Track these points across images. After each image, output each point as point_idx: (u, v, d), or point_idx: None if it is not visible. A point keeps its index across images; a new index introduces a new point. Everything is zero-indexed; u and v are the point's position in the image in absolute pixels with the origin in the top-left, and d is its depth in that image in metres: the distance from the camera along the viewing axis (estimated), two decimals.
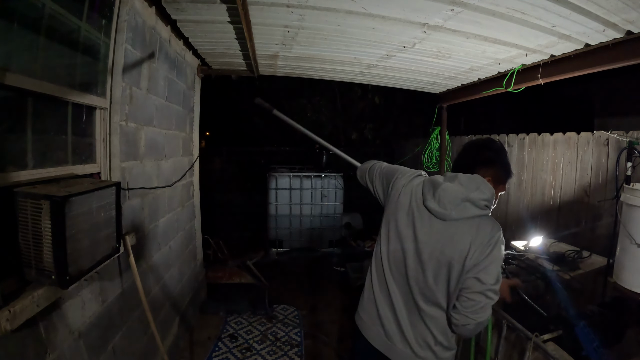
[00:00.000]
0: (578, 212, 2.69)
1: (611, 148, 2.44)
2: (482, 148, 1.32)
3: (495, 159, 1.29)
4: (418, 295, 1.24)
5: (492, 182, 1.26)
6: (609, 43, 1.94)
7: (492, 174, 1.27)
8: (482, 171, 1.26)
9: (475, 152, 1.32)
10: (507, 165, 1.32)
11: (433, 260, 1.21)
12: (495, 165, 1.29)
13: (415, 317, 1.26)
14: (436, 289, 1.21)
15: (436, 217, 1.21)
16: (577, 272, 2.06)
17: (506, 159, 1.32)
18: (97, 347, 1.55)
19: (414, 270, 1.25)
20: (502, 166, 1.30)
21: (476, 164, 1.28)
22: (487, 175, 1.26)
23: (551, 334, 1.62)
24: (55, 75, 1.29)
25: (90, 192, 1.22)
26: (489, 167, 1.27)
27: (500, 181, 1.30)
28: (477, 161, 1.29)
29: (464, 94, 3.58)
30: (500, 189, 1.32)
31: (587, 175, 2.62)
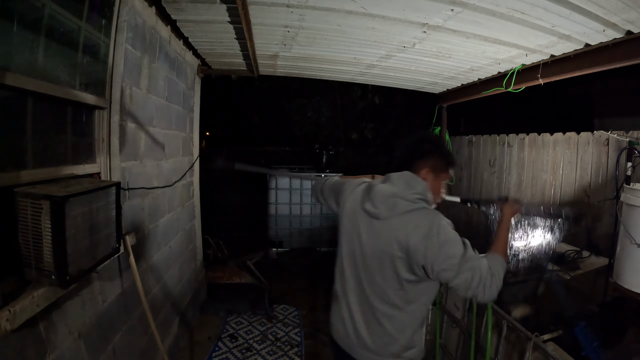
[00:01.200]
0: (578, 212, 2.69)
1: (611, 148, 2.44)
2: (417, 141, 1.35)
3: (431, 150, 1.31)
4: (372, 296, 1.26)
5: (431, 172, 1.29)
6: (609, 43, 1.94)
7: (430, 164, 1.29)
8: (419, 164, 1.29)
9: (411, 147, 1.35)
10: (445, 154, 1.34)
11: (377, 259, 1.24)
12: (432, 155, 1.30)
13: (370, 317, 1.27)
14: (386, 286, 1.23)
15: (372, 218, 1.25)
16: (577, 272, 2.06)
17: (443, 148, 1.35)
18: (97, 347, 1.55)
19: (364, 271, 1.28)
20: (440, 155, 1.31)
21: (413, 158, 1.30)
22: (425, 167, 1.28)
23: (551, 334, 1.62)
24: (55, 75, 1.29)
25: (90, 192, 1.22)
26: (426, 159, 1.29)
27: (440, 170, 1.31)
28: (414, 155, 1.31)
29: (464, 94, 3.57)
30: (443, 177, 1.33)
31: (587, 175, 2.62)
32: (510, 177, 3.41)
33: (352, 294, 1.32)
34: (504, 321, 1.70)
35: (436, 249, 1.13)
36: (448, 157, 1.35)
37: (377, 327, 1.26)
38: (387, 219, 1.22)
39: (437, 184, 1.32)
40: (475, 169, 3.97)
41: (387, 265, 1.21)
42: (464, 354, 2.02)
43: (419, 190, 1.24)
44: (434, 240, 1.14)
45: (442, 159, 1.32)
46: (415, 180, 1.26)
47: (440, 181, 1.33)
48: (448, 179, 1.37)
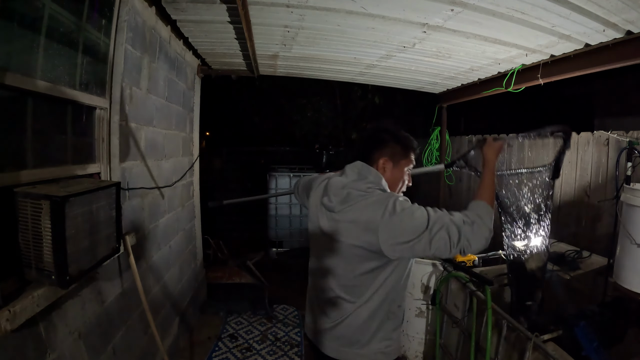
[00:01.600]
0: (578, 212, 2.69)
1: (611, 148, 2.44)
2: (373, 132, 1.34)
3: (386, 138, 1.29)
4: (336, 288, 1.25)
5: (389, 161, 1.28)
6: (609, 43, 1.94)
7: (388, 153, 1.28)
8: (377, 154, 1.28)
9: (368, 138, 1.34)
10: (403, 139, 1.31)
11: (336, 252, 1.23)
12: (389, 143, 1.29)
13: (334, 309, 1.26)
14: (347, 278, 1.22)
15: (329, 211, 1.25)
16: (577, 272, 2.06)
17: (400, 134, 1.32)
18: (97, 347, 1.55)
19: (327, 264, 1.27)
20: (397, 141, 1.30)
21: (371, 149, 1.29)
22: (383, 156, 1.27)
23: (551, 334, 1.61)
24: (55, 75, 1.29)
25: (90, 192, 1.22)
26: (383, 148, 1.28)
27: (399, 157, 1.30)
28: (371, 146, 1.30)
29: (464, 94, 3.58)
30: (403, 164, 1.31)
31: (587, 175, 2.62)
32: None
33: (318, 287, 1.32)
34: (504, 321, 1.70)
35: (397, 224, 1.10)
36: (405, 142, 1.32)
37: (341, 319, 1.25)
38: (342, 211, 1.20)
39: (398, 171, 1.31)
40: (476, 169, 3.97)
41: (347, 256, 1.20)
42: (464, 354, 2.02)
43: (370, 180, 1.23)
44: (394, 218, 1.10)
45: (399, 146, 1.30)
46: (367, 169, 1.25)
47: (401, 169, 1.31)
48: (410, 165, 1.34)
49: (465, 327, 2.02)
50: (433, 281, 2.49)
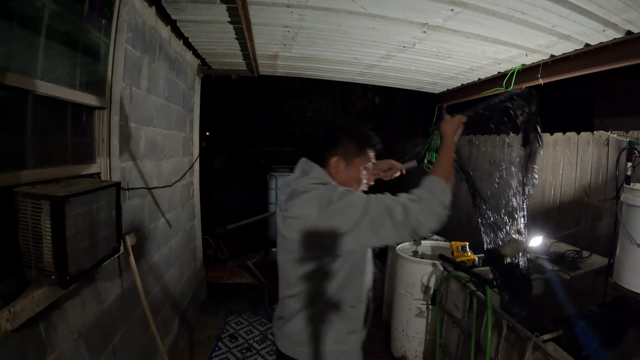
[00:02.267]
0: (578, 212, 2.69)
1: (611, 148, 2.44)
2: (327, 130, 1.29)
3: (340, 135, 1.23)
4: (287, 288, 1.22)
5: (342, 160, 1.21)
6: (609, 43, 1.94)
7: (340, 151, 1.21)
8: (329, 153, 1.21)
9: (322, 138, 1.27)
10: (358, 135, 1.24)
11: (285, 249, 1.20)
12: (342, 141, 1.22)
13: (286, 308, 1.23)
14: (293, 275, 1.18)
15: (280, 210, 1.22)
16: (577, 272, 2.06)
17: (354, 130, 1.25)
18: (97, 347, 1.55)
19: (280, 260, 1.26)
20: (351, 138, 1.23)
21: (324, 149, 1.23)
22: (333, 156, 1.20)
23: (551, 334, 1.61)
24: (55, 75, 1.29)
25: (90, 192, 1.22)
26: (335, 146, 1.22)
27: (353, 155, 1.22)
28: (324, 146, 1.23)
29: (464, 94, 3.57)
30: (359, 162, 1.23)
31: (587, 175, 2.62)
32: None
33: (279, 286, 1.30)
34: (504, 321, 1.69)
35: (334, 215, 1.05)
36: (360, 138, 1.24)
37: (289, 317, 1.21)
38: (287, 209, 1.16)
39: (352, 170, 1.23)
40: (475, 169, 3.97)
41: (292, 253, 1.16)
42: (464, 354, 2.01)
43: (313, 176, 1.18)
44: (330, 209, 1.05)
45: (353, 143, 1.22)
46: (309, 165, 1.21)
47: (356, 167, 1.23)
48: (367, 162, 1.26)
49: (465, 327, 2.02)
50: (433, 281, 2.49)
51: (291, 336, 1.21)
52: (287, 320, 1.22)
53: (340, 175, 1.22)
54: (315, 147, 1.26)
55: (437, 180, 1.09)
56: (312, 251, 1.12)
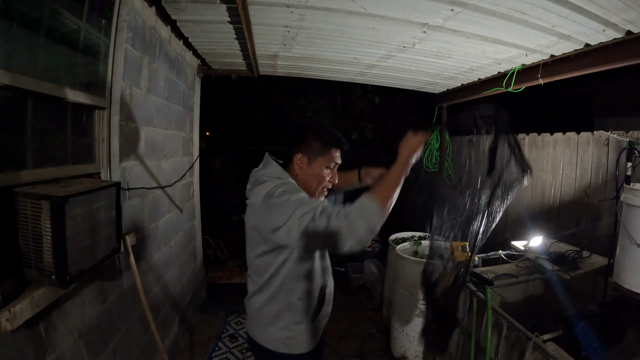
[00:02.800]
0: (578, 212, 2.69)
1: (611, 148, 2.44)
2: (295, 129, 1.32)
3: (307, 135, 1.26)
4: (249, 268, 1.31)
5: (304, 157, 1.25)
6: (609, 43, 1.94)
7: (305, 149, 1.25)
8: (294, 150, 1.26)
9: (290, 136, 1.31)
10: (323, 135, 1.26)
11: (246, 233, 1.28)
12: (308, 139, 1.25)
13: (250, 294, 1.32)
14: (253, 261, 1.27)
15: (246, 198, 1.28)
16: (577, 272, 2.06)
17: (320, 130, 1.27)
18: (97, 347, 1.55)
19: (246, 245, 1.31)
20: (316, 137, 1.25)
21: (291, 146, 1.28)
22: (297, 153, 1.25)
23: (551, 334, 1.62)
24: (55, 75, 1.29)
25: (90, 192, 1.23)
26: (301, 144, 1.26)
27: (316, 153, 1.25)
28: (291, 143, 1.28)
29: (464, 94, 3.57)
30: (321, 161, 1.25)
31: (587, 175, 2.62)
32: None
33: None
34: (504, 321, 1.70)
35: (271, 208, 1.10)
36: (325, 137, 1.25)
37: (249, 298, 1.31)
38: (248, 197, 1.24)
39: (313, 168, 1.25)
40: (476, 169, 3.97)
41: (249, 237, 1.26)
42: (464, 354, 2.02)
43: (269, 170, 1.24)
44: (269, 202, 1.11)
45: (318, 142, 1.24)
46: (268, 161, 1.28)
47: (318, 165, 1.25)
48: (330, 162, 1.27)
49: (465, 327, 2.02)
50: None
51: (250, 315, 1.33)
52: (248, 299, 1.32)
53: (302, 171, 1.26)
54: (287, 142, 1.31)
55: (371, 201, 1.03)
56: (259, 238, 1.20)
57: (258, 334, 1.30)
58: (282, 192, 1.12)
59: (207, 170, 5.04)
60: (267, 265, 1.22)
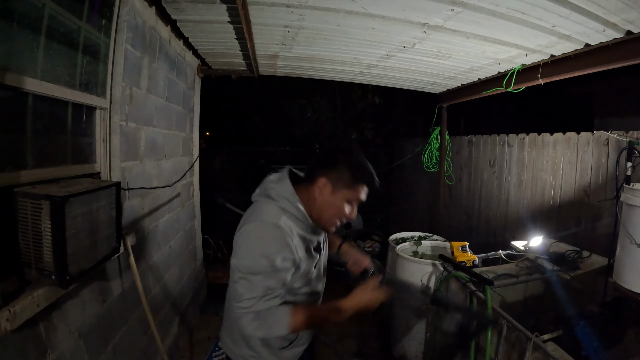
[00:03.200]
0: (578, 212, 2.69)
1: (611, 148, 2.44)
2: (330, 149, 1.23)
3: (339, 160, 1.16)
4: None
5: (329, 184, 1.14)
6: (609, 43, 1.94)
7: (332, 175, 1.15)
8: (321, 172, 1.16)
9: (322, 154, 1.24)
10: (357, 168, 1.16)
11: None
12: (339, 166, 1.15)
13: (228, 300, 1.30)
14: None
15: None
16: (577, 272, 2.06)
17: (354, 161, 1.16)
18: (97, 347, 1.55)
19: None
20: (349, 168, 1.15)
21: (319, 166, 1.18)
22: (323, 176, 1.15)
23: (551, 334, 1.61)
24: (55, 75, 1.29)
25: (90, 192, 1.22)
26: (330, 169, 1.15)
27: (343, 184, 1.15)
28: (320, 163, 1.19)
29: (464, 94, 3.58)
30: (345, 194, 1.15)
31: (587, 175, 2.62)
32: (510, 177, 3.41)
33: None
34: (504, 321, 1.70)
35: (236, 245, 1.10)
36: (357, 172, 1.15)
37: (229, 307, 1.28)
38: (250, 208, 1.22)
39: (335, 199, 1.15)
40: (475, 169, 3.97)
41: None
42: (464, 354, 2.02)
43: (280, 188, 1.16)
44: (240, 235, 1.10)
45: (349, 173, 1.14)
46: (283, 177, 1.21)
47: (340, 197, 1.15)
48: (355, 198, 1.17)
49: None
50: (433, 281, 2.49)
51: (225, 324, 1.33)
52: (228, 302, 1.29)
53: (322, 198, 1.16)
54: (313, 162, 1.22)
55: (285, 319, 1.08)
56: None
57: (228, 344, 1.29)
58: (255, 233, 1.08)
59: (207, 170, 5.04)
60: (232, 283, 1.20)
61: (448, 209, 4.46)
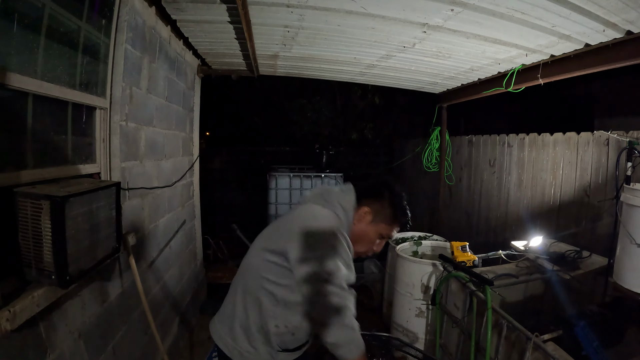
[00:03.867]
0: (578, 212, 2.69)
1: (611, 148, 2.44)
2: (381, 182, 1.31)
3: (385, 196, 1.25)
4: None
5: (370, 214, 1.24)
6: (609, 43, 1.94)
7: (376, 207, 1.24)
8: (367, 201, 1.25)
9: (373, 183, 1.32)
10: (399, 208, 1.25)
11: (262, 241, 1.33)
12: (384, 201, 1.25)
13: None
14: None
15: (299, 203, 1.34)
16: (577, 272, 2.06)
17: (399, 201, 1.26)
18: (97, 347, 1.55)
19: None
20: (392, 205, 1.25)
21: (367, 193, 1.27)
22: (368, 206, 1.24)
23: (551, 334, 1.62)
24: (55, 75, 1.29)
25: (90, 192, 1.22)
26: (375, 200, 1.25)
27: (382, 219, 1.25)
28: (369, 191, 1.27)
29: (464, 94, 3.58)
30: (381, 228, 1.25)
31: (587, 175, 2.62)
32: (510, 177, 3.41)
33: None
34: (504, 321, 1.70)
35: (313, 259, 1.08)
36: (399, 212, 1.25)
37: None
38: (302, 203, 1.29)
39: (371, 229, 1.25)
40: (475, 169, 3.97)
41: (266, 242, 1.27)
42: (464, 354, 2.02)
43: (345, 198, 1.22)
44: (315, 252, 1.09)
45: (391, 210, 1.25)
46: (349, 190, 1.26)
47: (376, 230, 1.25)
48: (387, 234, 1.28)
49: (465, 327, 2.02)
50: (433, 281, 2.49)
51: (222, 319, 1.34)
52: (231, 302, 1.34)
53: (360, 225, 1.24)
54: (363, 185, 1.29)
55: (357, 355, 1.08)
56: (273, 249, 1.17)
57: (223, 339, 1.25)
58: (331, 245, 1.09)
59: (207, 170, 5.04)
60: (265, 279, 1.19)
61: (448, 209, 4.46)
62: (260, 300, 1.18)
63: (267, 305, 1.17)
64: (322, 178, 5.37)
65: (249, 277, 1.24)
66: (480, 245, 3.43)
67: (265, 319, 1.18)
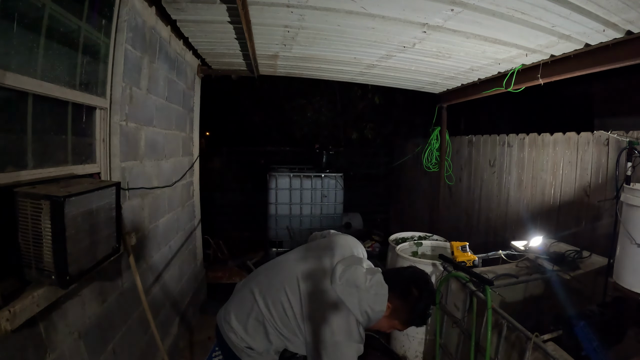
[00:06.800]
0: (578, 212, 2.69)
1: (611, 148, 2.44)
2: (410, 279, 1.33)
3: (410, 300, 1.28)
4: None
5: (390, 309, 1.28)
6: (609, 43, 1.94)
7: (398, 306, 1.28)
8: (394, 296, 1.28)
9: (406, 277, 1.34)
10: (417, 313, 1.30)
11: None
12: (406, 304, 1.28)
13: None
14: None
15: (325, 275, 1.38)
16: (577, 272, 2.06)
17: (421, 308, 1.29)
18: (97, 347, 1.55)
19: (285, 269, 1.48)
20: (412, 309, 1.29)
21: (397, 288, 1.29)
22: (394, 304, 1.27)
23: (551, 334, 1.62)
24: (55, 75, 1.29)
25: (90, 192, 1.22)
26: (400, 299, 1.28)
27: (398, 316, 1.30)
28: (399, 287, 1.30)
29: (464, 94, 3.58)
30: (396, 325, 1.33)
31: (587, 175, 2.62)
32: (510, 177, 3.41)
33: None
34: (504, 321, 1.70)
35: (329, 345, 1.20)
36: (416, 315, 1.30)
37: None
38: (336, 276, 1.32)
39: (386, 322, 1.32)
40: (475, 169, 3.97)
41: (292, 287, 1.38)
42: (464, 354, 2.02)
43: (383, 290, 1.27)
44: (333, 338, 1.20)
45: (411, 316, 1.30)
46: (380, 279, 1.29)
47: (391, 324, 1.33)
48: (398, 329, 1.37)
49: (465, 327, 2.02)
50: (433, 281, 2.49)
51: (236, 313, 1.43)
52: (244, 297, 1.47)
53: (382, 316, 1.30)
54: (397, 277, 1.33)
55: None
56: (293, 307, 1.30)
57: (236, 332, 1.36)
58: (345, 346, 1.19)
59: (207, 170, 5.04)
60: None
61: (448, 209, 4.46)
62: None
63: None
64: (322, 178, 5.37)
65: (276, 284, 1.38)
66: (480, 245, 3.43)
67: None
